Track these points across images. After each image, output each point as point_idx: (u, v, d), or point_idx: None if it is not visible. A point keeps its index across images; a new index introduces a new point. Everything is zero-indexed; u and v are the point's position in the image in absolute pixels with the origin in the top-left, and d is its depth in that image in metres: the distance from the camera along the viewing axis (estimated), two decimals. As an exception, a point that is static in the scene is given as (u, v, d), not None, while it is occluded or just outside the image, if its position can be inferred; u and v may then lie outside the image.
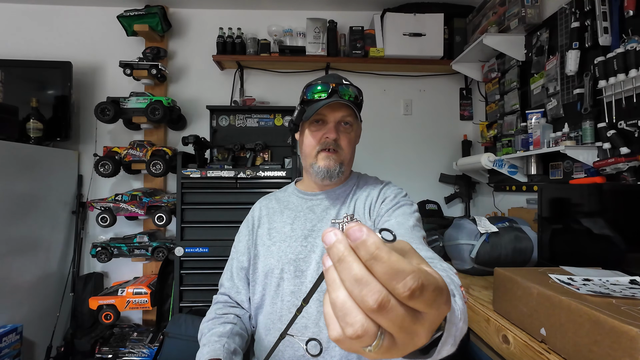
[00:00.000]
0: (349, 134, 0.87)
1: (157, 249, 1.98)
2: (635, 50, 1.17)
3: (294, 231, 0.86)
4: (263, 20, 2.30)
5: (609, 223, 1.12)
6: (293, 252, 0.83)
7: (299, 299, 0.78)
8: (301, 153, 0.92)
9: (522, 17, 1.67)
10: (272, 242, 0.87)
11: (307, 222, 0.87)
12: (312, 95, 0.83)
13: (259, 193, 1.89)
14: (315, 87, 0.83)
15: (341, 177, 0.88)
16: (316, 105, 0.81)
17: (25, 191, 1.81)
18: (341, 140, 0.85)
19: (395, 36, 2.14)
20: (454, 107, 2.42)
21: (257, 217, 0.95)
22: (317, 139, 0.85)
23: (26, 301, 1.80)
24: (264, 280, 0.85)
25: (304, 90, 0.87)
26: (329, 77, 0.87)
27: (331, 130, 0.84)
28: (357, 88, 0.85)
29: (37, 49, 2.23)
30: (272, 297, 0.83)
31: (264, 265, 0.86)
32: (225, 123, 2.25)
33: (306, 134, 0.88)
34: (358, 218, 0.84)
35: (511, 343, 0.89)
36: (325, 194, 0.90)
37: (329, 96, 0.81)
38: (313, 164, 0.86)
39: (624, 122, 1.24)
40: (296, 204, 0.92)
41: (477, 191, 2.33)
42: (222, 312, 0.86)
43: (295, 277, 0.81)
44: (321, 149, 0.85)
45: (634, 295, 0.74)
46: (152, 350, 1.86)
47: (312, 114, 0.81)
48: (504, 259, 1.38)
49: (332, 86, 0.81)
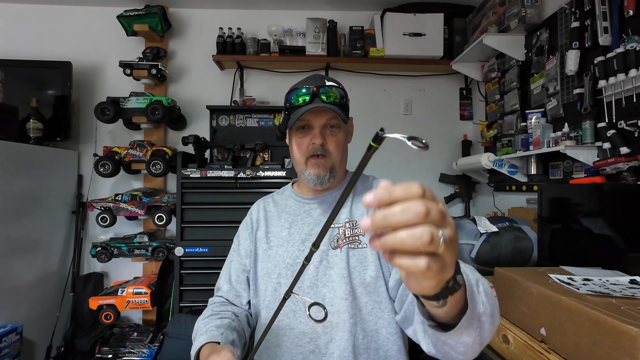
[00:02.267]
0: (336, 136, 0.84)
1: (157, 249, 1.98)
2: (635, 50, 1.17)
3: (291, 235, 0.86)
4: (263, 20, 2.30)
5: (609, 223, 1.12)
6: (290, 257, 0.83)
7: (296, 304, 0.77)
8: (293, 161, 0.91)
9: (522, 17, 1.67)
10: (269, 246, 0.87)
11: (305, 226, 0.86)
12: (296, 100, 0.81)
13: (259, 193, 1.89)
14: (299, 91, 0.81)
15: (334, 181, 0.87)
16: (298, 112, 0.79)
17: (25, 191, 1.81)
18: (329, 145, 0.83)
19: (395, 36, 2.14)
20: (454, 107, 2.42)
21: (255, 220, 0.94)
22: (305, 146, 0.84)
23: (26, 301, 1.80)
24: (261, 283, 0.85)
25: (287, 96, 0.84)
26: (310, 80, 0.84)
27: (317, 135, 0.81)
28: (340, 88, 0.83)
29: (37, 49, 2.23)
30: (269, 301, 0.83)
31: (261, 268, 0.86)
32: (225, 123, 2.25)
33: (293, 141, 0.86)
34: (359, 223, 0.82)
35: (511, 343, 0.90)
36: (322, 197, 0.89)
37: (310, 100, 0.79)
38: (303, 171, 0.85)
39: (624, 122, 1.24)
40: (293, 207, 0.91)
41: (477, 191, 2.33)
42: (219, 310, 0.85)
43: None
44: (309, 155, 0.83)
45: (634, 295, 0.74)
46: (152, 350, 1.86)
47: (294, 122, 0.79)
48: (504, 258, 1.38)
49: (313, 90, 0.80)
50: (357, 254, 0.79)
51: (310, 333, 0.77)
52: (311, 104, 0.79)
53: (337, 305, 0.76)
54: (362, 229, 0.32)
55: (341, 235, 0.81)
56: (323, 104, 0.79)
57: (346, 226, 0.82)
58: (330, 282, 0.78)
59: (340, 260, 0.79)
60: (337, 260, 0.79)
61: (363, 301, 0.77)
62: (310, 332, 0.77)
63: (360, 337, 0.76)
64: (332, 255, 0.80)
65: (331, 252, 0.80)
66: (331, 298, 0.77)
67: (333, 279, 0.78)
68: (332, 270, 0.79)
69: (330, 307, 0.75)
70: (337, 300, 0.76)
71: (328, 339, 0.76)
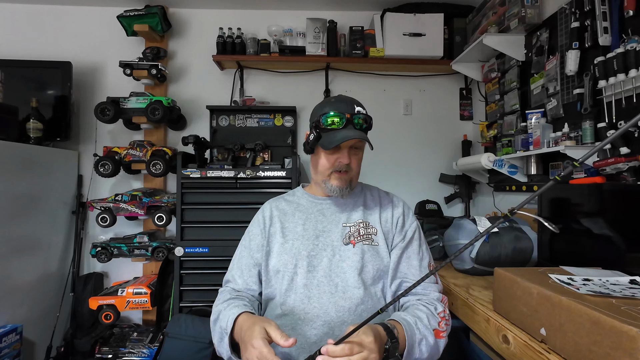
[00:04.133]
0: (358, 155, 0.98)
1: (157, 249, 1.98)
2: (635, 50, 1.17)
3: (306, 231, 0.96)
4: (263, 20, 2.30)
5: (609, 223, 1.12)
6: (306, 249, 0.92)
7: (311, 290, 0.88)
8: (313, 169, 1.02)
9: (522, 17, 1.67)
10: (285, 240, 0.96)
11: (318, 223, 0.97)
12: (327, 123, 0.91)
13: (259, 193, 1.89)
14: (330, 115, 0.91)
15: (348, 191, 0.99)
16: (334, 137, 0.90)
17: (25, 191, 1.81)
18: (352, 163, 0.95)
19: (395, 36, 2.14)
20: (454, 107, 2.42)
21: (269, 217, 1.02)
22: (332, 162, 0.95)
23: (26, 301, 1.80)
24: (275, 275, 0.93)
25: (319, 116, 0.93)
26: (342, 105, 0.94)
27: (345, 156, 0.93)
28: (367, 114, 0.94)
29: (37, 49, 2.23)
30: (286, 289, 0.90)
31: (277, 261, 0.94)
32: (225, 123, 2.25)
33: (321, 156, 0.96)
34: (373, 225, 0.97)
35: (511, 343, 0.89)
36: (334, 199, 1.01)
37: (344, 126, 0.90)
38: (326, 182, 0.97)
39: (624, 122, 1.24)
40: (306, 206, 1.01)
41: (477, 191, 2.33)
42: (235, 295, 0.94)
43: (308, 271, 0.90)
44: (334, 170, 0.95)
45: (634, 295, 0.74)
46: (152, 350, 1.86)
47: (330, 146, 0.90)
48: (504, 259, 1.38)
49: (347, 117, 0.91)
50: (371, 249, 0.92)
51: (323, 316, 0.85)
52: (345, 129, 0.91)
53: (349, 292, 0.87)
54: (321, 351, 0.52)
55: (354, 233, 0.94)
56: (357, 133, 0.90)
57: (360, 225, 0.96)
58: (343, 273, 0.89)
59: (354, 255, 0.91)
60: (349, 255, 0.91)
61: (373, 290, 0.90)
62: (323, 315, 0.85)
63: (371, 321, 0.83)
64: (344, 250, 0.92)
65: (343, 247, 0.93)
66: (343, 287, 0.88)
67: (345, 270, 0.90)
68: (344, 263, 0.90)
69: (342, 294, 0.87)
70: (349, 288, 0.87)
71: (340, 322, 0.85)
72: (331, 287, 0.87)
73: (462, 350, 1.26)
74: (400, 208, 1.02)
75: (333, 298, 0.86)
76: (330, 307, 0.85)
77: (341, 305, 0.85)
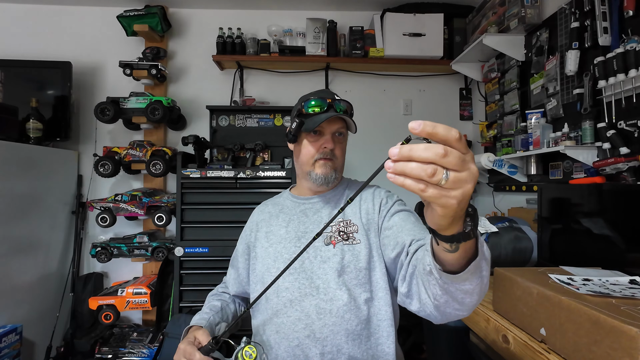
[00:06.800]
0: (342, 143, 0.97)
1: (157, 249, 1.98)
2: (635, 50, 1.17)
3: (288, 233, 0.95)
4: (263, 20, 2.30)
5: (609, 223, 1.12)
6: (288, 253, 0.91)
7: (293, 294, 0.86)
8: (297, 161, 1.00)
9: (522, 17, 1.67)
10: (269, 244, 0.95)
11: (301, 224, 0.95)
12: (310, 106, 0.91)
13: (258, 193, 1.89)
14: (314, 101, 0.91)
15: (335, 182, 0.98)
16: (317, 118, 0.89)
17: (25, 191, 1.81)
18: (336, 150, 0.94)
19: (395, 36, 2.14)
20: (453, 107, 2.42)
21: (256, 222, 1.03)
22: (316, 148, 0.93)
23: (26, 301, 1.80)
24: (262, 279, 0.93)
25: (301, 104, 0.94)
26: (323, 93, 0.95)
27: (329, 140, 0.92)
28: (348, 102, 0.94)
29: (37, 49, 2.23)
30: (269, 293, 0.90)
31: (262, 265, 0.94)
32: (225, 123, 2.25)
33: (304, 143, 0.95)
34: (354, 222, 0.92)
35: (511, 343, 0.90)
36: (318, 197, 0.99)
37: (326, 110, 0.90)
38: (310, 172, 0.95)
39: (624, 122, 1.24)
40: (290, 207, 1.00)
41: (477, 191, 2.33)
42: (222, 291, 1.07)
43: (289, 274, 0.89)
44: (319, 157, 0.93)
45: (633, 295, 0.74)
46: (152, 350, 1.86)
47: (314, 126, 0.89)
48: (503, 258, 1.38)
49: (329, 101, 0.91)
50: (351, 249, 0.88)
51: (305, 319, 0.84)
52: (328, 113, 0.90)
53: (330, 294, 0.84)
54: (389, 154, 0.39)
55: (335, 233, 0.91)
56: (338, 114, 0.89)
57: (340, 225, 0.92)
58: (324, 274, 0.87)
59: (334, 255, 0.88)
60: (329, 255, 0.88)
61: (357, 291, 0.85)
62: (305, 318, 0.84)
63: (354, 324, 0.83)
64: (325, 250, 0.89)
65: (324, 248, 0.90)
66: (325, 288, 0.85)
67: (327, 271, 0.87)
68: (326, 264, 0.88)
69: (324, 296, 0.85)
70: (331, 290, 0.85)
71: (322, 324, 0.83)
72: (312, 289, 0.86)
73: (462, 350, 1.26)
74: (381, 194, 0.97)
75: (314, 300, 0.85)
76: (311, 309, 0.84)
77: (322, 307, 0.84)
